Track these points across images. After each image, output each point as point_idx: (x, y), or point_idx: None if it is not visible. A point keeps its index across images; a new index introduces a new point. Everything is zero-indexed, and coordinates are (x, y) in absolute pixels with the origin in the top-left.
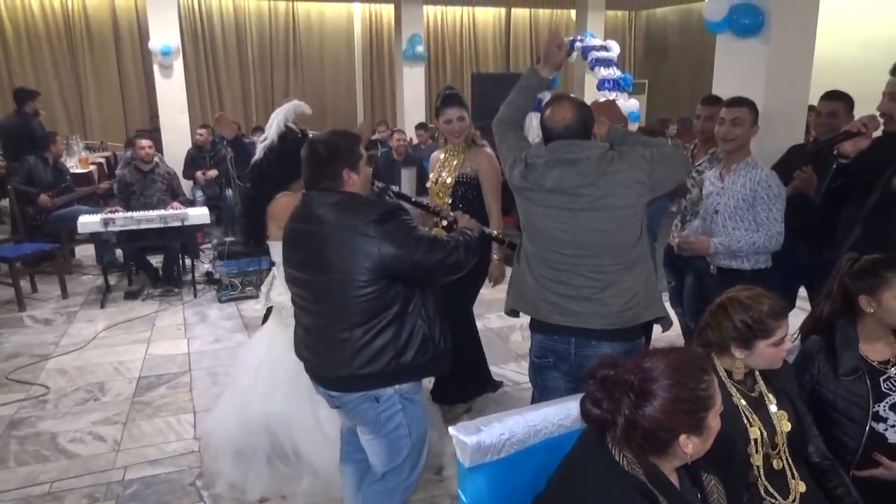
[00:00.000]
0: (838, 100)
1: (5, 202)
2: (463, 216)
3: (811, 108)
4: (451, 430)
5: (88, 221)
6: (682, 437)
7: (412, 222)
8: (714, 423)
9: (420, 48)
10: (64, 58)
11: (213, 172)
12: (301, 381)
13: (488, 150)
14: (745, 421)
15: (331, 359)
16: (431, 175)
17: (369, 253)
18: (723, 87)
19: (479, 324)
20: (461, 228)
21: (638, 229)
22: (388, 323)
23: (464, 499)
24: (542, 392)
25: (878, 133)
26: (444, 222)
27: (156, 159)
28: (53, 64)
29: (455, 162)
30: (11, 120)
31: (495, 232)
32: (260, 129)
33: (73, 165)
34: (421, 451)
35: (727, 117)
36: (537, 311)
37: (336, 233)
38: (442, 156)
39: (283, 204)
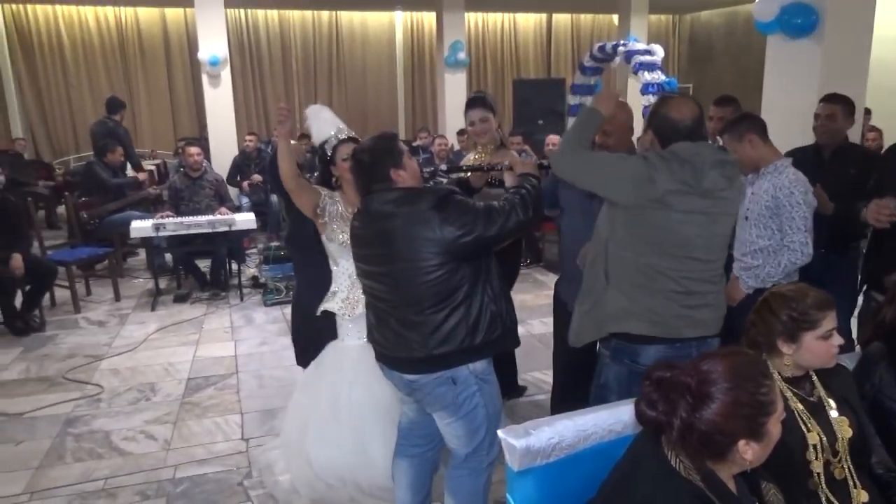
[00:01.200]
0: (836, 102)
1: (62, 208)
2: (517, 161)
3: (867, 111)
4: (499, 433)
5: (140, 227)
6: (742, 443)
7: (467, 200)
8: (775, 429)
9: (462, 55)
10: (117, 69)
11: (257, 177)
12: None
13: (514, 152)
14: (803, 426)
15: (406, 342)
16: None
17: (433, 238)
18: (774, 90)
19: (522, 329)
20: (518, 181)
21: None
22: (459, 303)
23: (512, 503)
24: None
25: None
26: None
27: (204, 165)
28: (107, 75)
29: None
30: (101, 126)
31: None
32: (306, 136)
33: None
34: (497, 427)
35: (823, 112)
36: (667, 329)
37: (400, 225)
38: (472, 157)
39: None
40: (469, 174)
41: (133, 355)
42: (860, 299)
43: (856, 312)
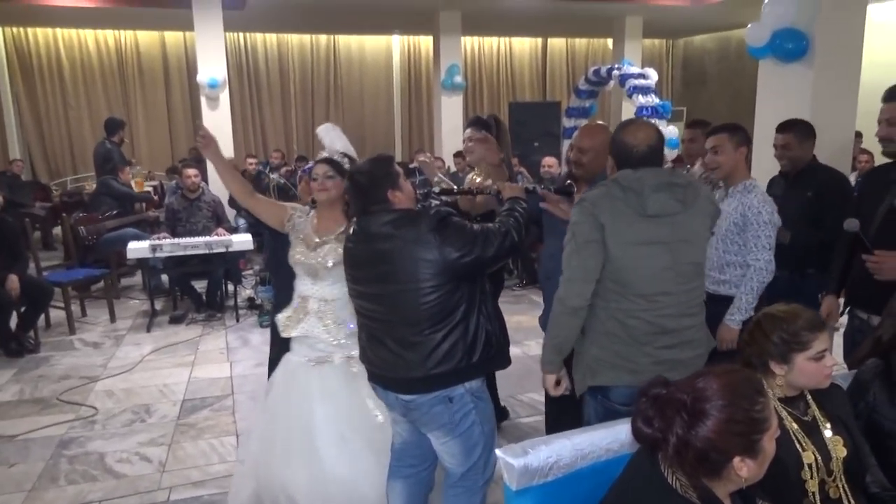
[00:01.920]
0: (789, 130)
1: (58, 229)
2: (504, 185)
3: (858, 134)
4: (497, 452)
5: (137, 247)
6: (737, 460)
7: (465, 223)
8: (769, 446)
9: (458, 78)
10: (116, 91)
11: None
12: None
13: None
14: (798, 445)
15: (405, 362)
16: None
17: (432, 260)
18: (766, 113)
19: (518, 350)
20: (508, 206)
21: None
22: (457, 323)
23: None
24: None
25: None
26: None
27: (202, 187)
28: (106, 97)
29: (479, 180)
30: (101, 147)
31: (537, 186)
32: (304, 158)
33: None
34: (492, 445)
35: (708, 146)
36: (646, 377)
37: (398, 247)
38: (475, 178)
39: None
40: (458, 197)
41: (128, 377)
42: (844, 318)
43: (841, 331)
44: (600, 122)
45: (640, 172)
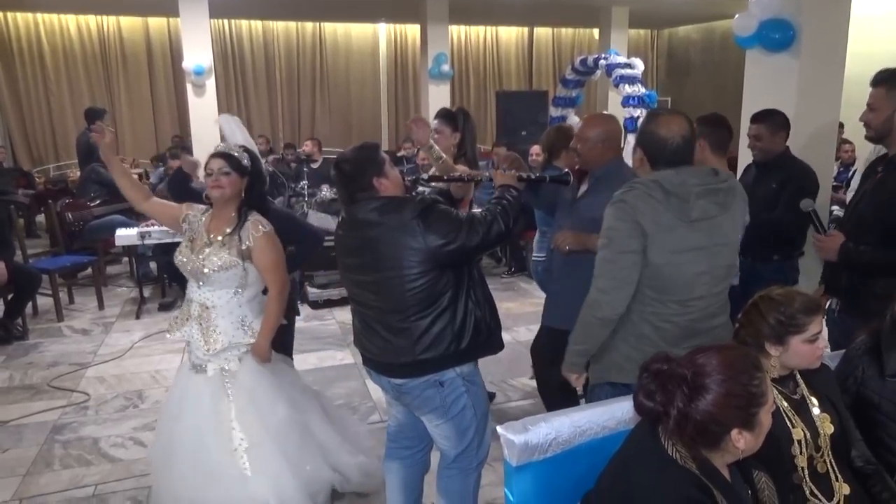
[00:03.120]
0: (761, 121)
1: (42, 217)
2: (497, 173)
3: (840, 125)
4: (498, 428)
5: (125, 234)
6: (735, 432)
7: (450, 210)
8: (766, 419)
9: (446, 67)
10: (99, 78)
11: None
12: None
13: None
14: (788, 422)
15: (394, 348)
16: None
17: (417, 247)
18: (753, 102)
19: (508, 336)
20: (497, 193)
21: None
22: (444, 309)
23: (511, 497)
24: None
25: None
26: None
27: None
28: (88, 84)
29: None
30: (83, 136)
31: (531, 175)
32: (291, 146)
33: None
34: (485, 427)
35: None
36: None
37: (384, 234)
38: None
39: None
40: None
41: (119, 363)
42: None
43: None
44: (607, 113)
45: (683, 175)
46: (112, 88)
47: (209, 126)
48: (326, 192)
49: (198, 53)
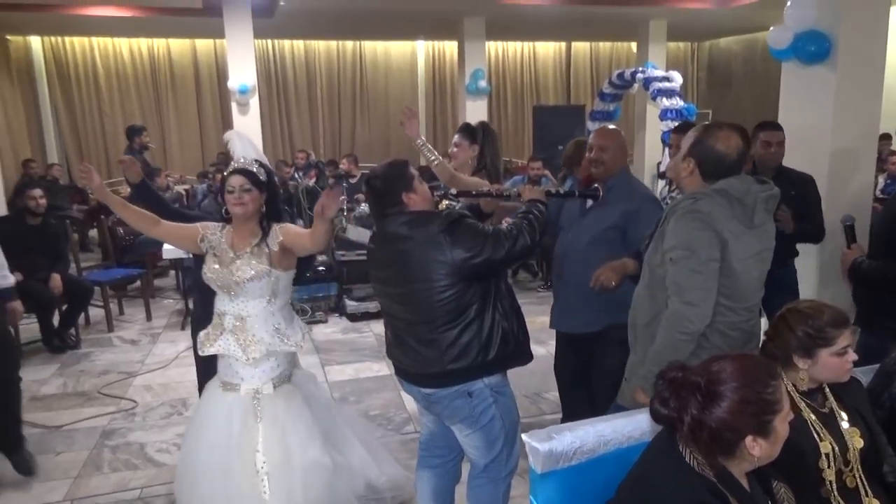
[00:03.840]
0: (781, 129)
1: (94, 232)
2: (524, 188)
3: (888, 136)
4: (523, 436)
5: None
6: (749, 439)
7: (476, 224)
8: (782, 427)
9: (483, 83)
10: (149, 98)
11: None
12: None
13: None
14: (816, 435)
15: (423, 358)
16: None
17: (444, 260)
18: (789, 116)
19: (542, 350)
20: (525, 208)
21: None
22: (471, 321)
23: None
24: None
25: None
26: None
27: None
28: (139, 104)
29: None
30: (126, 154)
31: (560, 190)
32: (333, 162)
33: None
34: (515, 438)
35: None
36: None
37: (413, 247)
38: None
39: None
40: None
41: (165, 372)
42: None
43: None
44: (611, 126)
45: (747, 182)
46: (161, 108)
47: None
48: (364, 206)
49: (242, 73)
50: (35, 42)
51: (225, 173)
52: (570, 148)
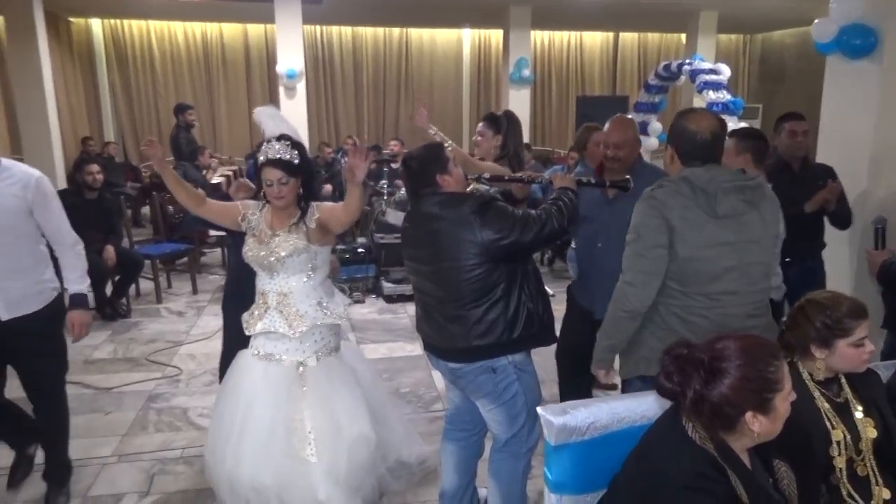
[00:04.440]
0: (805, 119)
1: (146, 208)
2: (557, 176)
3: None
4: (538, 409)
5: None
6: (749, 415)
7: (507, 207)
8: (783, 406)
9: (526, 72)
10: (201, 80)
11: (328, 187)
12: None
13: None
14: (828, 423)
15: (450, 334)
16: None
17: (473, 240)
18: (833, 110)
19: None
20: (555, 195)
21: None
22: (497, 300)
23: (549, 475)
24: None
25: None
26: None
27: None
28: (192, 86)
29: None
30: (173, 131)
31: (591, 179)
32: (377, 147)
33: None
34: (537, 416)
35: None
36: None
37: (444, 227)
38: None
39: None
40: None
41: (208, 343)
42: None
43: None
44: (626, 116)
45: (713, 172)
46: (212, 90)
47: (299, 126)
48: (404, 191)
49: (291, 58)
50: (96, 25)
51: (259, 160)
52: (581, 133)
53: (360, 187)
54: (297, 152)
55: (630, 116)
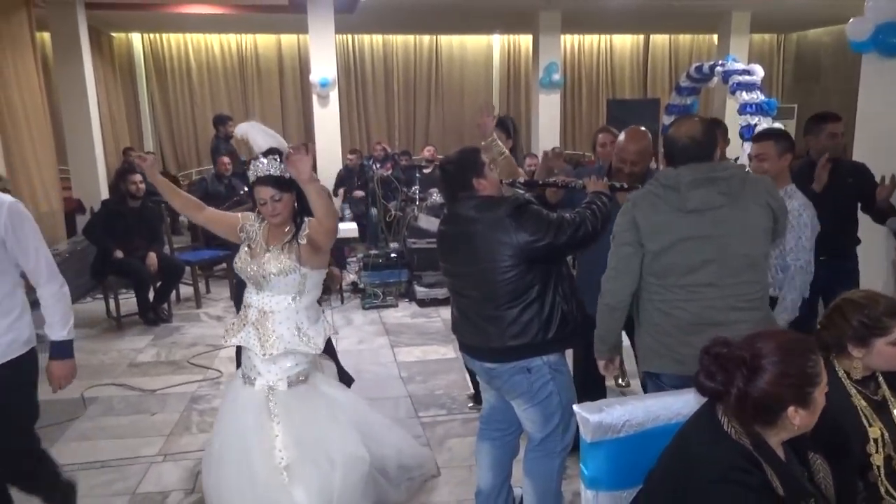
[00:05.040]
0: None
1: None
2: (589, 181)
3: None
4: (575, 407)
5: None
6: (791, 409)
7: (541, 210)
8: (820, 398)
9: (556, 76)
10: (237, 90)
11: (360, 193)
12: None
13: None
14: (865, 421)
15: (486, 334)
16: None
17: (509, 242)
18: (867, 109)
19: None
20: (589, 199)
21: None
22: (532, 301)
23: (585, 472)
24: None
25: None
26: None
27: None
28: (228, 96)
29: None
30: (212, 142)
31: (623, 184)
32: (407, 152)
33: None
34: (571, 414)
35: (752, 153)
36: (688, 367)
37: (480, 229)
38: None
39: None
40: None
41: None
42: None
43: None
44: (640, 127)
45: (680, 169)
46: (247, 100)
47: (332, 133)
48: (436, 196)
49: (324, 67)
50: (136, 39)
51: (250, 178)
52: (594, 135)
53: (314, 184)
54: (285, 166)
55: (641, 128)
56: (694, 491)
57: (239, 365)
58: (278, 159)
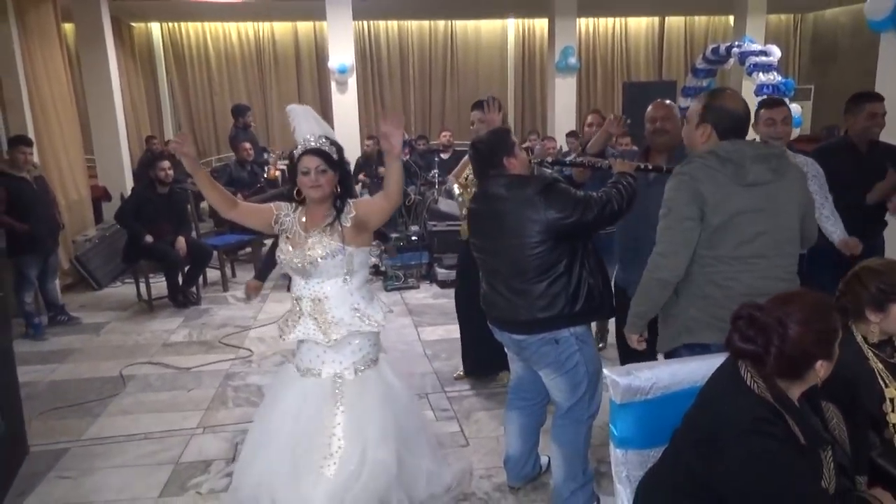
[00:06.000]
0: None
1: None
2: (616, 161)
3: None
4: (605, 370)
5: None
6: (818, 363)
7: (569, 188)
8: (837, 349)
9: (572, 59)
10: (254, 78)
11: (383, 170)
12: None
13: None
14: (882, 382)
15: (514, 307)
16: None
17: (537, 219)
18: (886, 89)
19: None
20: (615, 178)
21: None
22: (560, 275)
23: (615, 432)
24: None
25: None
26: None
27: None
28: (245, 83)
29: None
30: (231, 132)
31: (649, 165)
32: (423, 137)
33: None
34: (597, 383)
35: (777, 117)
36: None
37: (510, 207)
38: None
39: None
40: (572, 168)
41: (275, 327)
42: None
43: None
44: (665, 101)
45: (738, 144)
46: (265, 87)
47: (350, 119)
48: (451, 183)
49: (342, 54)
50: (155, 28)
51: (295, 153)
52: (588, 116)
53: (399, 161)
54: (335, 150)
55: (667, 102)
56: (721, 443)
57: None
58: (334, 147)
